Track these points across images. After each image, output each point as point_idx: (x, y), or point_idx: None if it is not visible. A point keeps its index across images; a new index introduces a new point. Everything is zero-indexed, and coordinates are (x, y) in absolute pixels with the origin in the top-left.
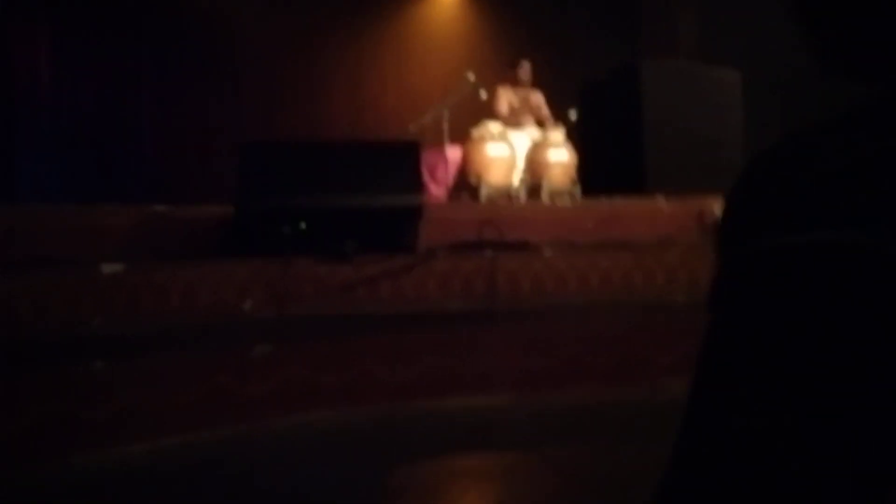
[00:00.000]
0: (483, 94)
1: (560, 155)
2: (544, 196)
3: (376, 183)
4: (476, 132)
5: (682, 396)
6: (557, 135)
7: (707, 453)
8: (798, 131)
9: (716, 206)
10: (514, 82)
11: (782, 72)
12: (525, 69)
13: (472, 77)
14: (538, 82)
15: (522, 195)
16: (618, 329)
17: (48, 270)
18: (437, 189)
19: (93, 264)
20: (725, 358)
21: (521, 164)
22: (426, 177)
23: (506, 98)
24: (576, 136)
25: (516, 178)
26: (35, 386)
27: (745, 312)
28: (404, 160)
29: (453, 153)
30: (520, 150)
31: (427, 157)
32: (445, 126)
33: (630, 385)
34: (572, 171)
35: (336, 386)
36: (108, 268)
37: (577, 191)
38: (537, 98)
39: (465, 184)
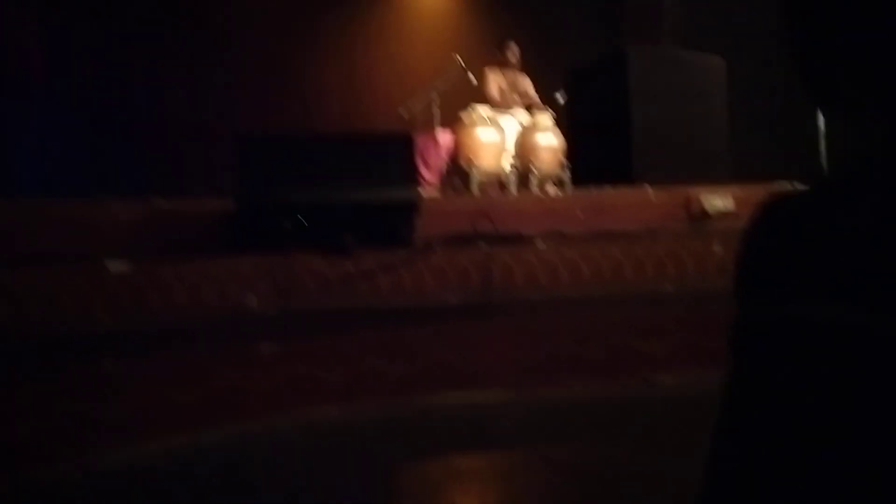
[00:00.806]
0: (472, 78)
1: (549, 139)
2: (534, 181)
3: (373, 177)
4: (466, 116)
5: (674, 391)
6: (546, 118)
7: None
8: (813, 187)
9: (702, 195)
10: (503, 64)
11: (766, 58)
12: (513, 50)
13: (460, 60)
14: (524, 66)
15: (513, 180)
16: (609, 321)
17: (55, 268)
18: (428, 174)
19: (98, 260)
20: (738, 405)
21: (510, 149)
22: (418, 162)
23: (495, 81)
24: (563, 121)
25: (506, 163)
26: (45, 385)
27: (757, 372)
28: (400, 153)
29: (444, 137)
30: (509, 133)
31: (418, 142)
32: (435, 110)
33: (623, 378)
34: (561, 156)
35: (338, 382)
36: (114, 265)
37: (567, 176)
38: (525, 81)
39: (457, 168)
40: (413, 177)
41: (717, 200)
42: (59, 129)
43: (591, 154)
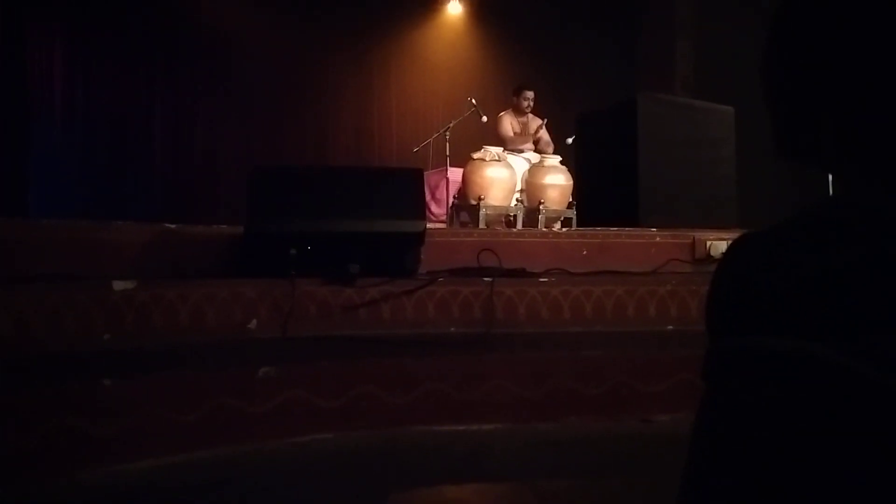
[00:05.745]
0: (484, 117)
1: (557, 178)
2: (541, 218)
3: (381, 208)
4: (477, 154)
5: (670, 429)
6: (555, 159)
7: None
8: (780, 226)
9: (707, 239)
10: (516, 109)
11: None
12: (528, 98)
13: (474, 102)
14: (540, 111)
15: (520, 216)
16: (609, 359)
17: (60, 285)
18: (437, 208)
19: (104, 280)
20: (708, 430)
21: (519, 186)
22: (428, 196)
23: (507, 122)
24: (572, 163)
25: (514, 200)
26: (45, 401)
27: (724, 402)
28: (408, 187)
29: (454, 174)
30: (518, 172)
31: (429, 178)
32: (447, 148)
33: (621, 415)
34: (568, 195)
35: (335, 408)
36: (119, 284)
37: (573, 214)
38: (537, 124)
39: (465, 204)
40: (420, 210)
41: (722, 244)
42: (76, 153)
43: (598, 196)
